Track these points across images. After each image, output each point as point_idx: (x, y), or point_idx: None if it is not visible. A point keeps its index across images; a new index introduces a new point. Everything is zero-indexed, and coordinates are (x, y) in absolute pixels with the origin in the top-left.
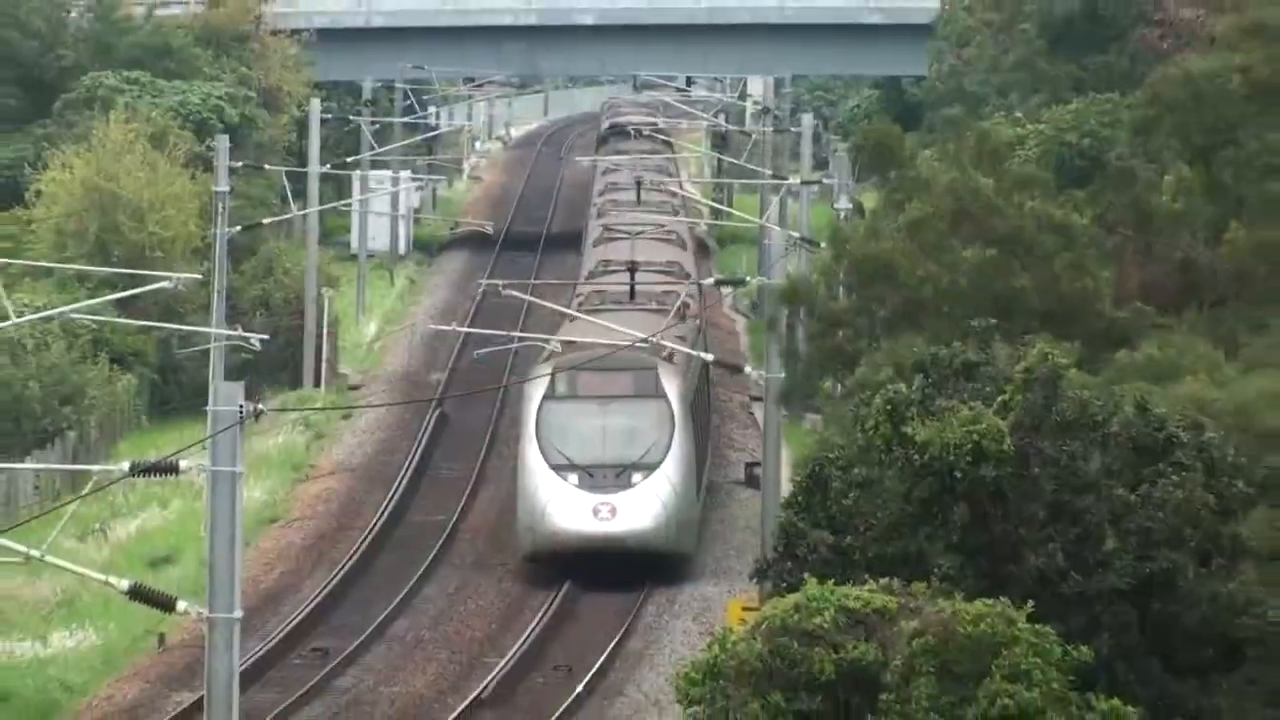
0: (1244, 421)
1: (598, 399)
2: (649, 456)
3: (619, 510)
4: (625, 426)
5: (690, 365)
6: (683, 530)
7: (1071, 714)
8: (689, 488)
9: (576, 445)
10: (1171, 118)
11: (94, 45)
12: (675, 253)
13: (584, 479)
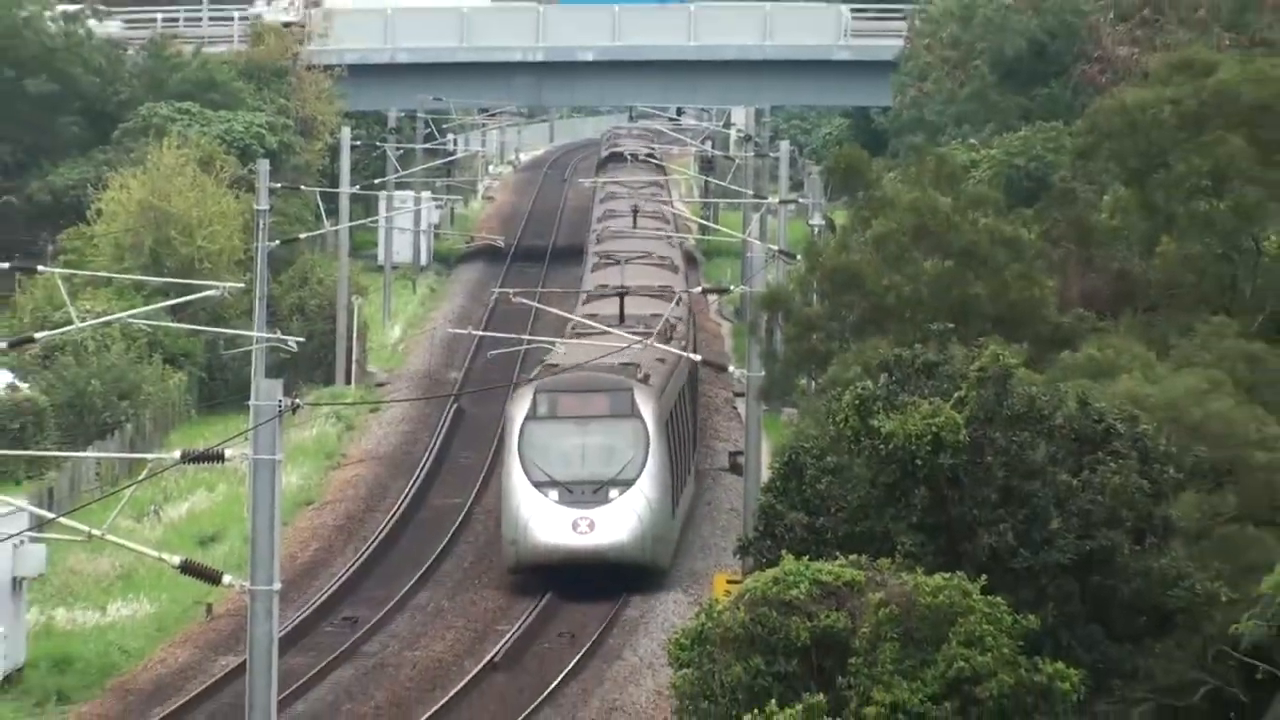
0: (1174, 414)
1: (576, 419)
2: (625, 473)
3: (597, 524)
4: (602, 445)
5: (667, 386)
6: (658, 543)
7: (1020, 676)
8: (664, 503)
9: (557, 463)
10: (1109, 144)
11: (148, 80)
12: (666, 276)
13: (564, 495)
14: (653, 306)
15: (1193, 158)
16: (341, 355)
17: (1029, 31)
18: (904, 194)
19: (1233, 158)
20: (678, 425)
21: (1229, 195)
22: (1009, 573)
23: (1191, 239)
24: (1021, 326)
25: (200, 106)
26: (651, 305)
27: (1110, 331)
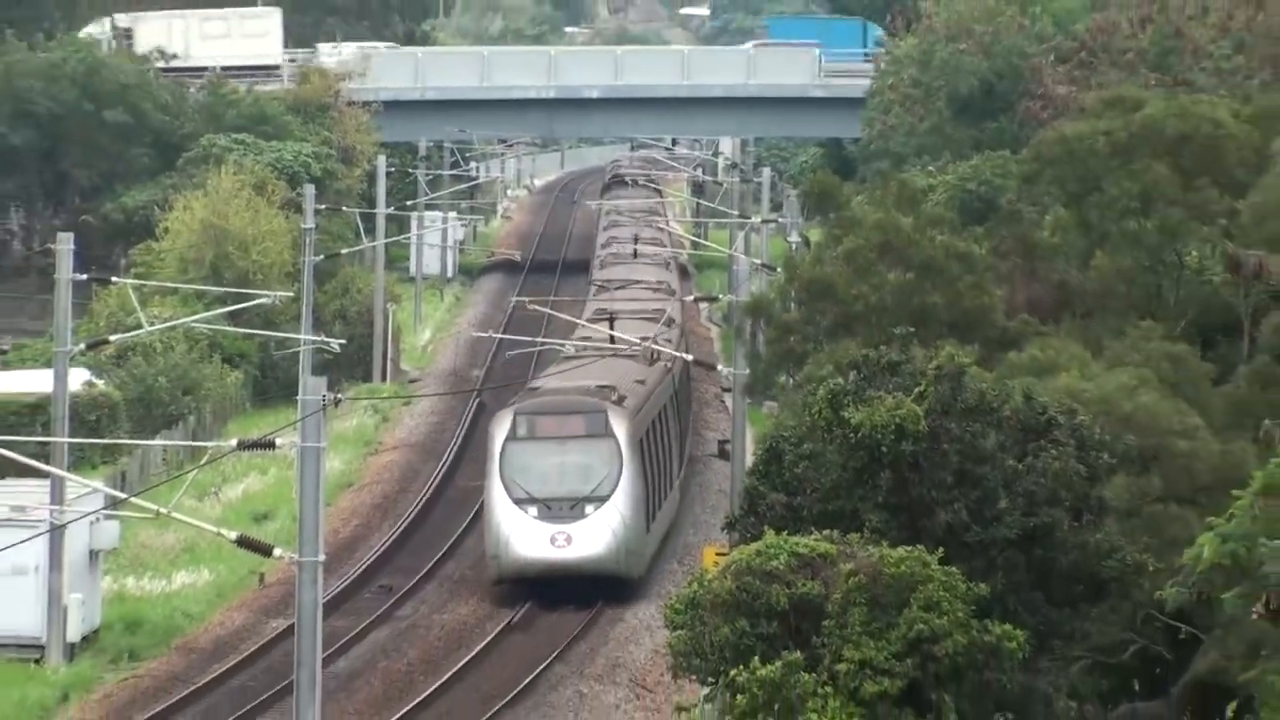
0: (1107, 407)
1: (554, 439)
2: (600, 490)
3: (574, 539)
4: (578, 464)
5: (644, 406)
6: (632, 555)
7: (972, 636)
8: (637, 517)
9: (536, 481)
10: (1050, 170)
11: (208, 115)
12: (659, 300)
13: (542, 511)
14: (644, 329)
15: (1123, 182)
16: (378, 355)
17: (980, 73)
18: (870, 214)
19: (1158, 183)
20: (657, 442)
21: (1155, 215)
22: (963, 546)
23: (1122, 254)
24: (973, 330)
25: (254, 138)
26: (644, 328)
27: (1051, 335)
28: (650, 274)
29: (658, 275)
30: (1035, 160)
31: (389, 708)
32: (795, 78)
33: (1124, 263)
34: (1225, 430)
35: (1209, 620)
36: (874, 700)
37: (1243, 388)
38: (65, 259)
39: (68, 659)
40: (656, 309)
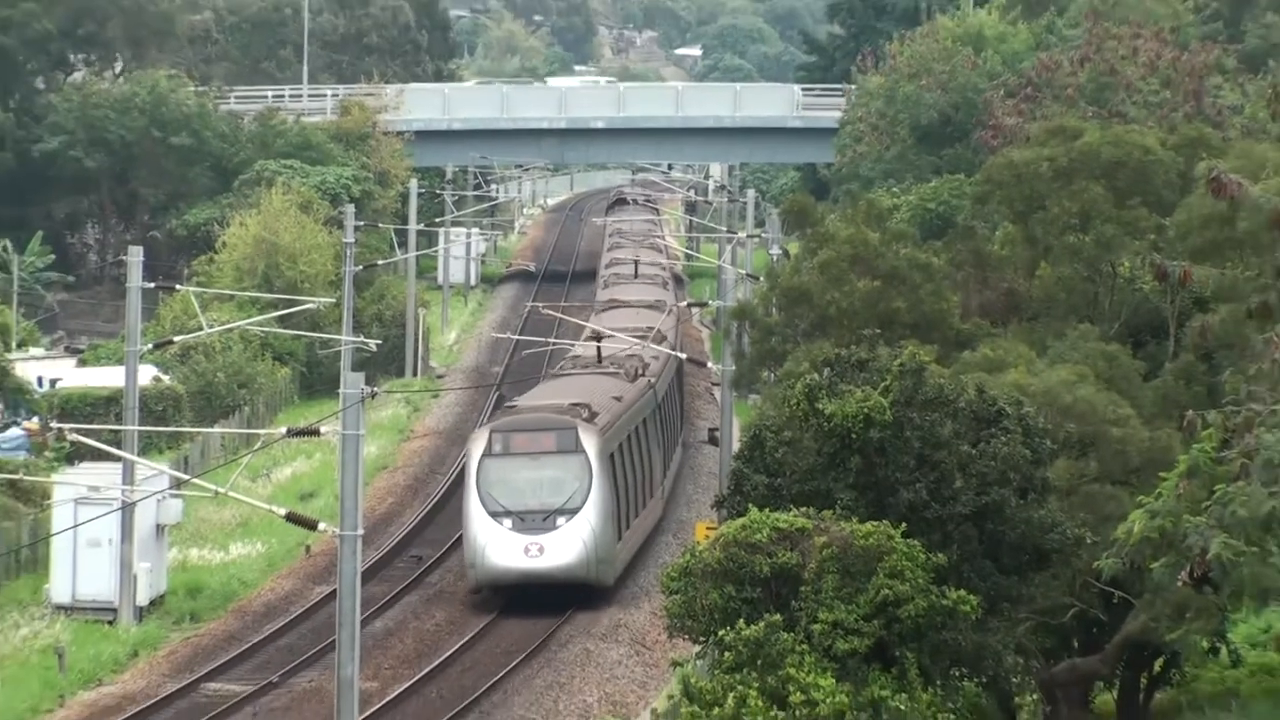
0: (1050, 399)
1: (527, 455)
2: (570, 503)
3: (546, 549)
4: (550, 478)
5: (617, 422)
6: (602, 564)
7: (931, 600)
8: (607, 528)
9: (510, 495)
10: (1000, 192)
11: (260, 142)
12: (653, 318)
13: (516, 523)
14: (628, 349)
15: (1064, 202)
16: (410, 354)
17: (938, 106)
18: (842, 230)
19: (1094, 202)
20: (633, 454)
21: (1092, 231)
22: (923, 521)
23: (1063, 265)
24: (932, 332)
25: (300, 163)
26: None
27: (1000, 336)
28: (648, 293)
29: (655, 295)
30: (987, 182)
31: (419, 663)
32: (776, 110)
33: (1064, 273)
34: (1153, 420)
35: (1139, 587)
36: (845, 656)
37: (1169, 382)
38: (135, 269)
39: (137, 620)
40: (649, 327)
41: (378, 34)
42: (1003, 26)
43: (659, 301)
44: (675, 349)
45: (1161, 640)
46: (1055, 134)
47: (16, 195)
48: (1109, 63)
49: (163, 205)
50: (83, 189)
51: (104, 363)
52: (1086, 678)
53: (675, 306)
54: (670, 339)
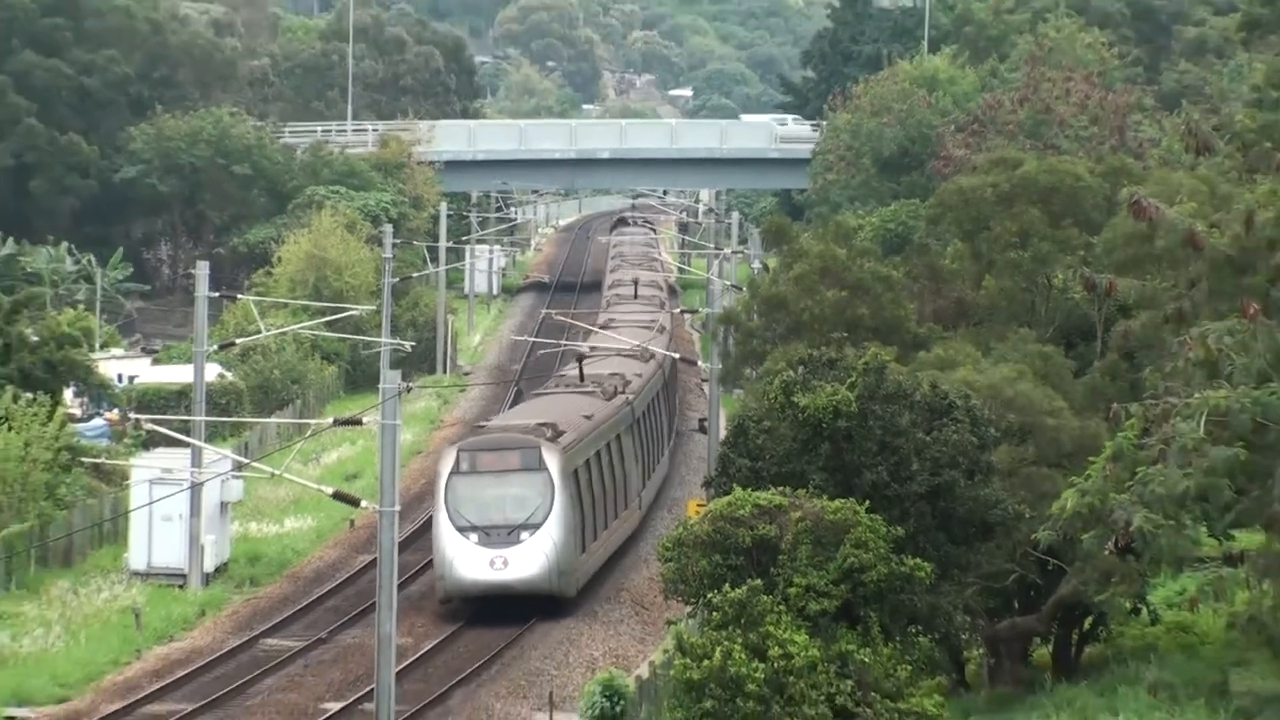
0: (994, 393)
1: (493, 473)
2: (533, 518)
3: (510, 562)
4: (514, 495)
5: (583, 441)
6: (564, 576)
7: (891, 567)
8: (569, 542)
9: (476, 511)
10: (950, 214)
11: (311, 170)
12: (645, 336)
13: (482, 538)
14: (616, 365)
15: (1005, 223)
16: (440, 354)
17: (898, 140)
18: (814, 247)
19: (1032, 223)
20: (604, 468)
21: (1030, 248)
22: (884, 499)
23: (1005, 277)
24: (892, 335)
25: (346, 189)
26: (619, 364)
27: (951, 339)
28: (644, 314)
29: (650, 315)
30: (939, 206)
31: (450, 621)
32: (757, 143)
33: (1006, 284)
34: (1083, 411)
35: (1071, 555)
36: (816, 616)
37: (1096, 379)
38: (202, 281)
39: (204, 584)
40: (638, 345)
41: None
42: (953, 70)
43: (652, 321)
44: (670, 351)
45: (1090, 601)
46: (998, 164)
47: (100, 217)
48: (1045, 102)
49: (226, 225)
50: (157, 211)
51: (175, 362)
52: (1025, 634)
53: (667, 326)
54: (658, 356)
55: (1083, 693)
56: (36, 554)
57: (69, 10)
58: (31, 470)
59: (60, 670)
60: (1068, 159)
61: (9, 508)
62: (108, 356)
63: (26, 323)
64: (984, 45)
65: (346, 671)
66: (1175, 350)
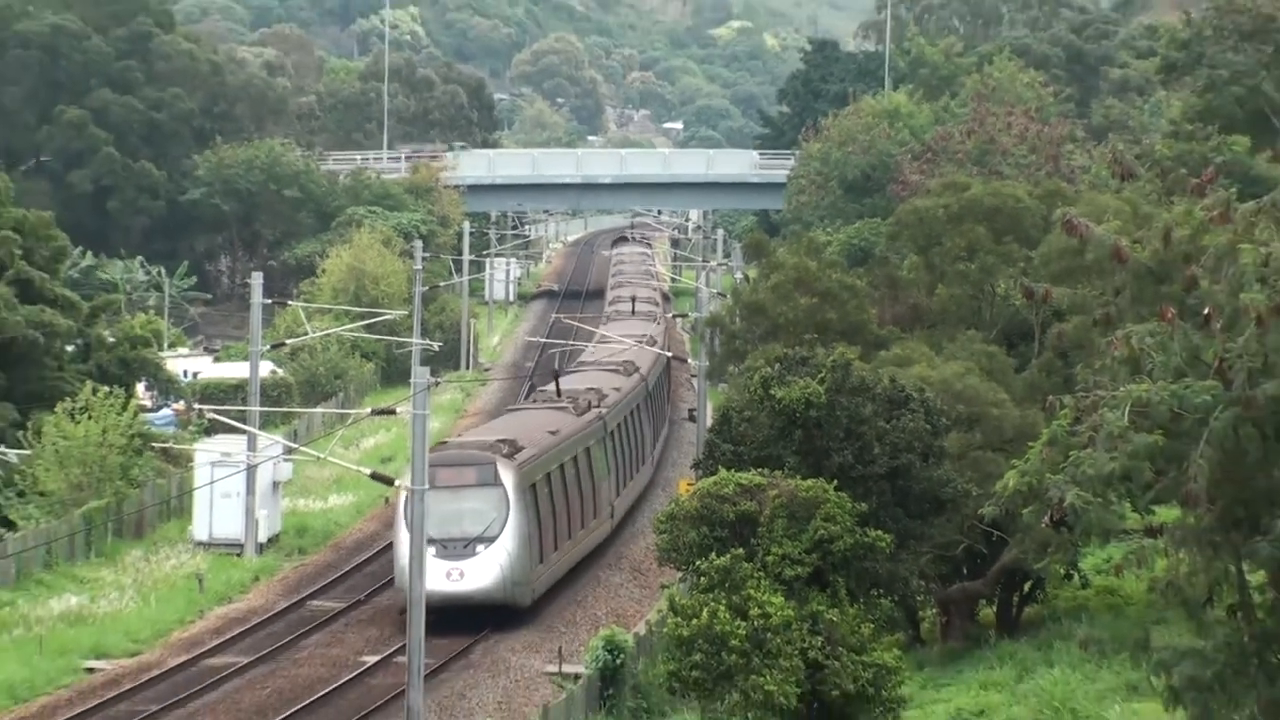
0: (945, 387)
1: (450, 488)
2: (489, 532)
3: (466, 573)
4: (471, 509)
5: (544, 456)
6: (518, 587)
7: (856, 538)
8: (524, 555)
9: (434, 524)
10: (907, 231)
11: (351, 193)
12: (633, 353)
13: (440, 550)
14: (596, 380)
15: (955, 239)
16: (463, 352)
17: (862, 166)
18: (789, 260)
19: (978, 239)
20: (569, 483)
21: (976, 260)
22: (849, 479)
23: (954, 286)
24: (856, 336)
25: (381, 209)
26: (601, 379)
27: (908, 339)
28: (638, 329)
29: (644, 330)
30: (897, 224)
31: None
32: (739, 169)
33: (955, 292)
34: (1022, 402)
35: (1013, 528)
36: (791, 580)
37: (1034, 375)
38: (257, 290)
39: (258, 553)
40: (624, 361)
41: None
42: (910, 106)
43: (644, 335)
44: (664, 350)
45: (1029, 568)
46: (948, 187)
47: (167, 234)
48: (989, 134)
49: (277, 241)
50: (217, 228)
51: (233, 359)
52: (973, 597)
53: (658, 340)
54: (643, 370)
55: (1022, 647)
56: (112, 526)
57: (140, 54)
58: (108, 454)
59: (133, 628)
60: (1009, 183)
61: (89, 486)
62: (174, 355)
63: (104, 325)
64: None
65: (382, 629)
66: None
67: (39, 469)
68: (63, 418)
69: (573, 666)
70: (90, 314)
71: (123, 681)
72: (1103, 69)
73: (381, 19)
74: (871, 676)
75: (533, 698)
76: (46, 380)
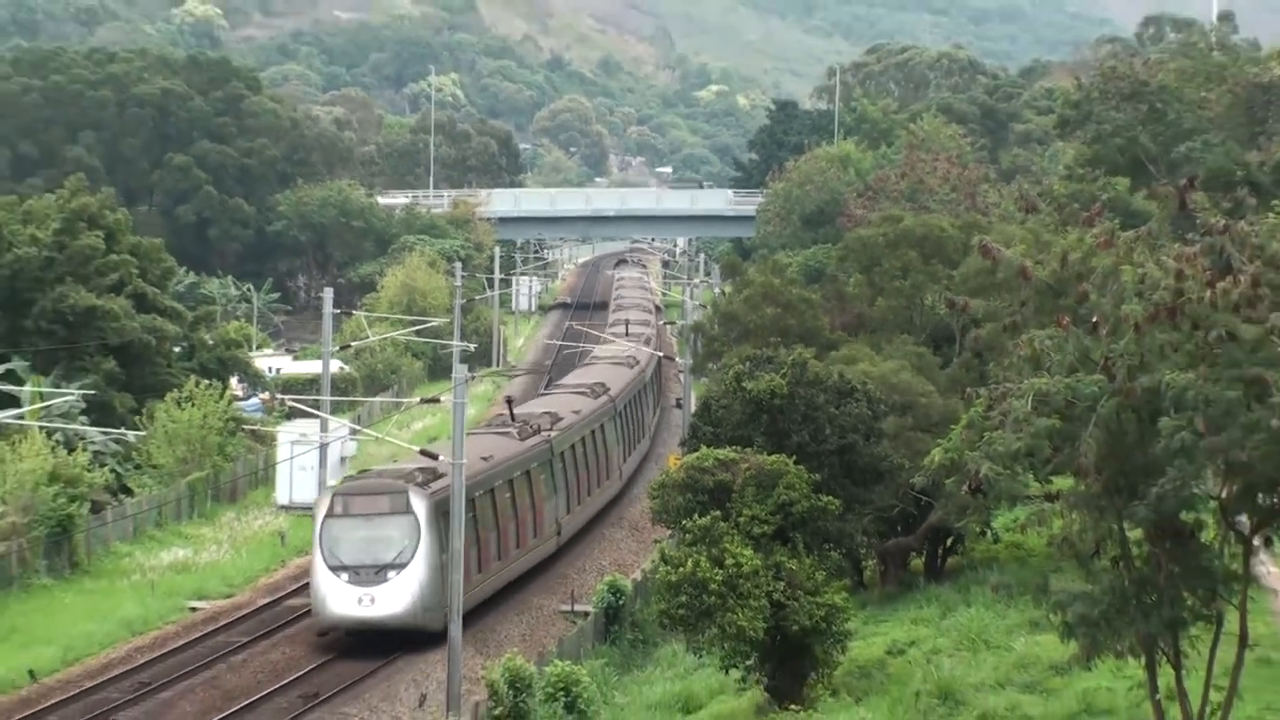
0: (883, 380)
1: (363, 516)
2: (400, 558)
3: (377, 599)
4: (382, 536)
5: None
6: (429, 612)
7: (812, 501)
8: (434, 581)
9: (347, 551)
10: (853, 255)
11: (405, 224)
12: (618, 372)
13: (352, 576)
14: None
15: (891, 261)
16: (494, 353)
17: (816, 202)
18: (757, 277)
19: (910, 261)
20: (496, 506)
21: (908, 278)
22: (806, 455)
23: (891, 299)
24: (811, 340)
25: (429, 237)
26: (564, 402)
27: (853, 342)
28: (636, 330)
29: (641, 332)
30: (845, 249)
31: None
32: (717, 205)
33: (892, 303)
34: (946, 393)
35: (938, 494)
36: (759, 537)
37: (955, 371)
38: (328, 302)
39: None
40: (594, 384)
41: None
42: (856, 154)
43: (629, 358)
44: (656, 350)
45: (952, 526)
46: (886, 220)
47: (255, 257)
48: (919, 176)
49: (345, 262)
50: (296, 253)
51: (308, 358)
52: (905, 550)
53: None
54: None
55: (946, 591)
56: (210, 493)
57: (234, 112)
58: (208, 434)
59: (227, 575)
60: (935, 216)
61: (192, 460)
62: (261, 355)
63: (204, 331)
64: (876, 136)
65: None
66: (1010, 350)
67: (152, 446)
68: (171, 405)
69: (583, 606)
70: (193, 322)
71: (219, 618)
72: (1010, 124)
73: (429, 84)
74: (824, 614)
75: (550, 631)
76: (158, 375)
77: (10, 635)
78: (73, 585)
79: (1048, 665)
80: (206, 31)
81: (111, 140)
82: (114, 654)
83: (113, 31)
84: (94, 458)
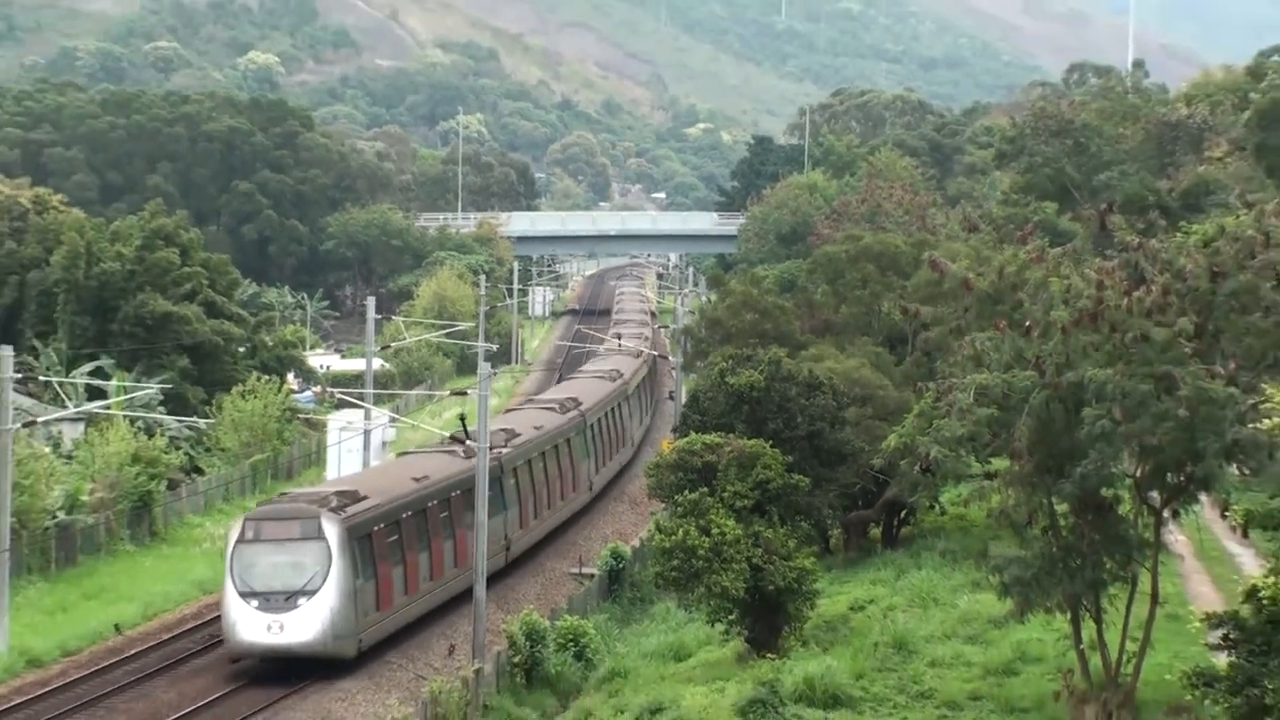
0: (847, 376)
1: (274, 542)
2: (310, 585)
3: (286, 626)
4: (293, 562)
5: (381, 510)
6: (339, 640)
7: (786, 480)
8: (346, 608)
9: (257, 577)
10: (820, 269)
11: (438, 242)
12: (599, 385)
13: (263, 603)
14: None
15: (853, 273)
16: (513, 352)
17: (790, 223)
18: (738, 288)
19: (869, 274)
20: (428, 528)
21: (868, 289)
22: (781, 439)
23: (853, 306)
24: (785, 341)
25: (458, 253)
26: (528, 418)
27: (822, 343)
28: (635, 331)
29: (620, 365)
30: (813, 264)
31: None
32: (704, 225)
33: (854, 310)
34: (901, 387)
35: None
36: (740, 510)
37: (908, 368)
38: (370, 309)
39: None
40: (566, 398)
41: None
42: (823, 182)
43: (614, 371)
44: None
45: (905, 501)
46: (849, 239)
47: (309, 271)
48: (878, 201)
49: (386, 275)
50: (344, 268)
51: (354, 357)
52: (865, 521)
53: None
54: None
55: (900, 557)
56: (270, 472)
57: (290, 146)
58: (268, 422)
59: None
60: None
61: (254, 444)
62: (313, 354)
63: (265, 334)
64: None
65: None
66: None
67: (220, 432)
68: (236, 397)
69: (589, 569)
70: (255, 326)
71: None
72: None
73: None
74: (796, 576)
75: (560, 591)
76: (225, 371)
77: (99, 594)
78: (152, 551)
79: (987, 619)
80: (266, 77)
81: (185, 170)
82: (187, 610)
83: (186, 77)
84: (170, 442)
